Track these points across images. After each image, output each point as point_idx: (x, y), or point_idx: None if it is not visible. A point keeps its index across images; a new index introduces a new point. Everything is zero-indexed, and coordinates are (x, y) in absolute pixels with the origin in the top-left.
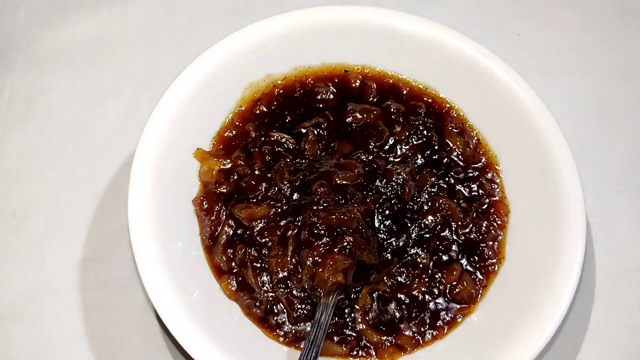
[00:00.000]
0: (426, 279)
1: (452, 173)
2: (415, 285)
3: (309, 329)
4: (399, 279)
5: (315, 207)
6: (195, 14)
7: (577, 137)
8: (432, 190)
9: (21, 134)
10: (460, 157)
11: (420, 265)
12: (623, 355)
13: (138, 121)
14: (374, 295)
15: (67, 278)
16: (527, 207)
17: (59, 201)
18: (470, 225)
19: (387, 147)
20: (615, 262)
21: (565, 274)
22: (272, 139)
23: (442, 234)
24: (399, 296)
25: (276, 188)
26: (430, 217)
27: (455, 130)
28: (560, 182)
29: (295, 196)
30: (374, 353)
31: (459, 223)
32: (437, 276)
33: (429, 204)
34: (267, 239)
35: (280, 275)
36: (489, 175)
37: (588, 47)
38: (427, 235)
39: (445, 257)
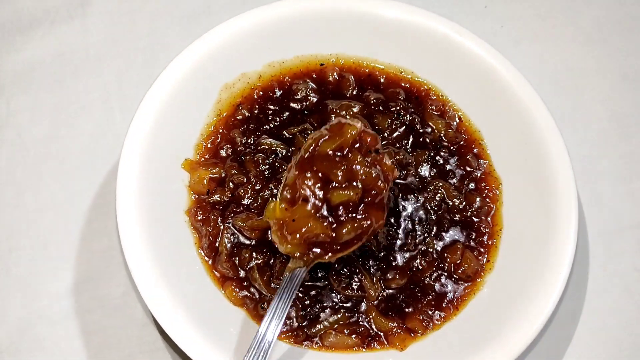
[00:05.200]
0: (434, 263)
1: (441, 154)
2: (424, 270)
3: (319, 327)
4: (412, 265)
5: None
6: (157, 20)
7: (552, 102)
8: (425, 174)
9: None
10: (444, 137)
11: (430, 250)
12: (625, 313)
13: (113, 136)
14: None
15: (61, 305)
16: (517, 178)
17: (42, 228)
18: (465, 203)
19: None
20: (604, 222)
21: (562, 237)
22: (265, 146)
23: (438, 215)
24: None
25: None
26: (426, 200)
27: (436, 113)
28: (545, 148)
29: None
30: (385, 341)
31: (454, 202)
32: (441, 257)
33: (423, 187)
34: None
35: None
36: (475, 151)
37: (554, 13)
38: (431, 217)
39: (445, 237)
